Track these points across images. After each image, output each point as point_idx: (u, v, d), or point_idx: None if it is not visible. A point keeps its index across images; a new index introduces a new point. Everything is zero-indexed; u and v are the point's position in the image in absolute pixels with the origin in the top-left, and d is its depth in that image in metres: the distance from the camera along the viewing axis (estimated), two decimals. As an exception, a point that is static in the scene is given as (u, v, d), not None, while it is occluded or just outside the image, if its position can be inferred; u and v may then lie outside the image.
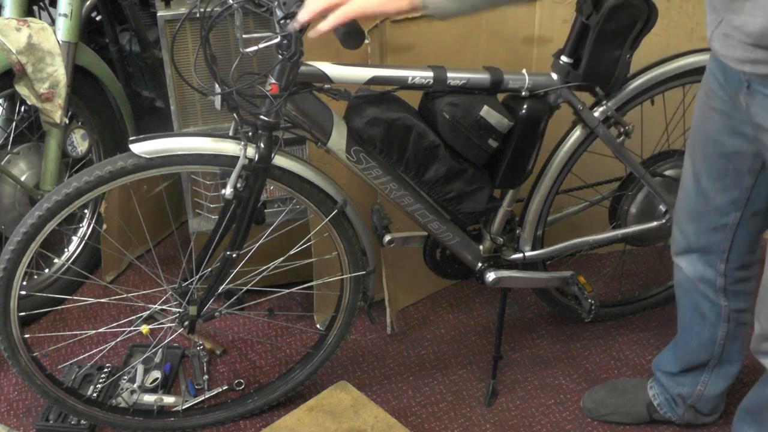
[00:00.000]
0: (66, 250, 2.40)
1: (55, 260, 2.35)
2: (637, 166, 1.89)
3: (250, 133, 1.59)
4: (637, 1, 1.63)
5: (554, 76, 1.71)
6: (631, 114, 1.88)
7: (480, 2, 1.37)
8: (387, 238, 1.88)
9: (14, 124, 2.19)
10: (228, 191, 1.57)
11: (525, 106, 1.66)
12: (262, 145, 1.57)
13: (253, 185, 1.60)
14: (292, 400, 1.98)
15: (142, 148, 1.56)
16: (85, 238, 2.42)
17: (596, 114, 1.78)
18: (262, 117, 1.54)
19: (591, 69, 1.68)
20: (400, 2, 1.40)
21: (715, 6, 1.27)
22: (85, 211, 2.43)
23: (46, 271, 2.32)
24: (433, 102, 1.63)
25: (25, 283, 1.68)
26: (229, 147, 1.59)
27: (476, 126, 1.62)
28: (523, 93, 1.66)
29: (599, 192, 2.11)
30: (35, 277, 2.29)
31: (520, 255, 1.91)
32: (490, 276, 1.87)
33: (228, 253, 1.68)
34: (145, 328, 2.16)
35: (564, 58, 1.70)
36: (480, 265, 1.89)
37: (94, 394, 1.97)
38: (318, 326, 2.24)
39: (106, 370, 2.05)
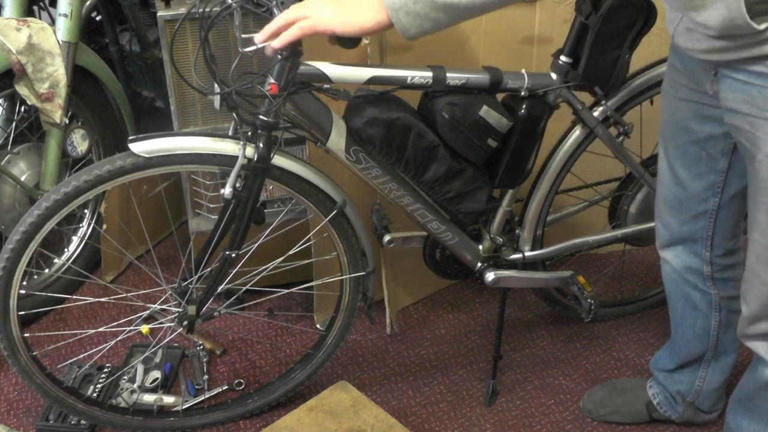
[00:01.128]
0: (66, 249, 2.40)
1: (55, 260, 2.35)
2: (636, 165, 1.89)
3: (249, 133, 1.59)
4: (637, 1, 1.63)
5: (553, 76, 1.71)
6: (631, 114, 1.87)
7: (443, 21, 1.32)
8: (387, 238, 1.88)
9: (14, 124, 2.19)
10: (227, 191, 1.57)
11: (524, 106, 1.66)
12: (261, 145, 1.57)
13: (252, 185, 1.60)
14: (292, 400, 1.98)
15: (141, 147, 1.56)
16: (85, 238, 2.42)
17: (595, 114, 1.78)
18: (261, 117, 1.54)
19: (590, 69, 1.68)
20: (362, 24, 1.32)
21: (673, 5, 1.29)
22: (85, 211, 2.43)
23: (46, 270, 2.32)
24: (432, 102, 1.63)
25: (25, 282, 1.69)
26: (228, 147, 1.59)
27: (475, 126, 1.62)
28: (523, 93, 1.66)
29: (599, 192, 2.11)
30: (35, 276, 2.29)
31: (520, 255, 1.91)
32: (490, 276, 1.87)
33: (227, 252, 1.68)
34: (145, 328, 2.17)
35: (563, 58, 1.70)
36: (480, 265, 1.89)
37: (94, 394, 1.97)
38: (318, 326, 2.24)
39: (106, 369, 2.05)
